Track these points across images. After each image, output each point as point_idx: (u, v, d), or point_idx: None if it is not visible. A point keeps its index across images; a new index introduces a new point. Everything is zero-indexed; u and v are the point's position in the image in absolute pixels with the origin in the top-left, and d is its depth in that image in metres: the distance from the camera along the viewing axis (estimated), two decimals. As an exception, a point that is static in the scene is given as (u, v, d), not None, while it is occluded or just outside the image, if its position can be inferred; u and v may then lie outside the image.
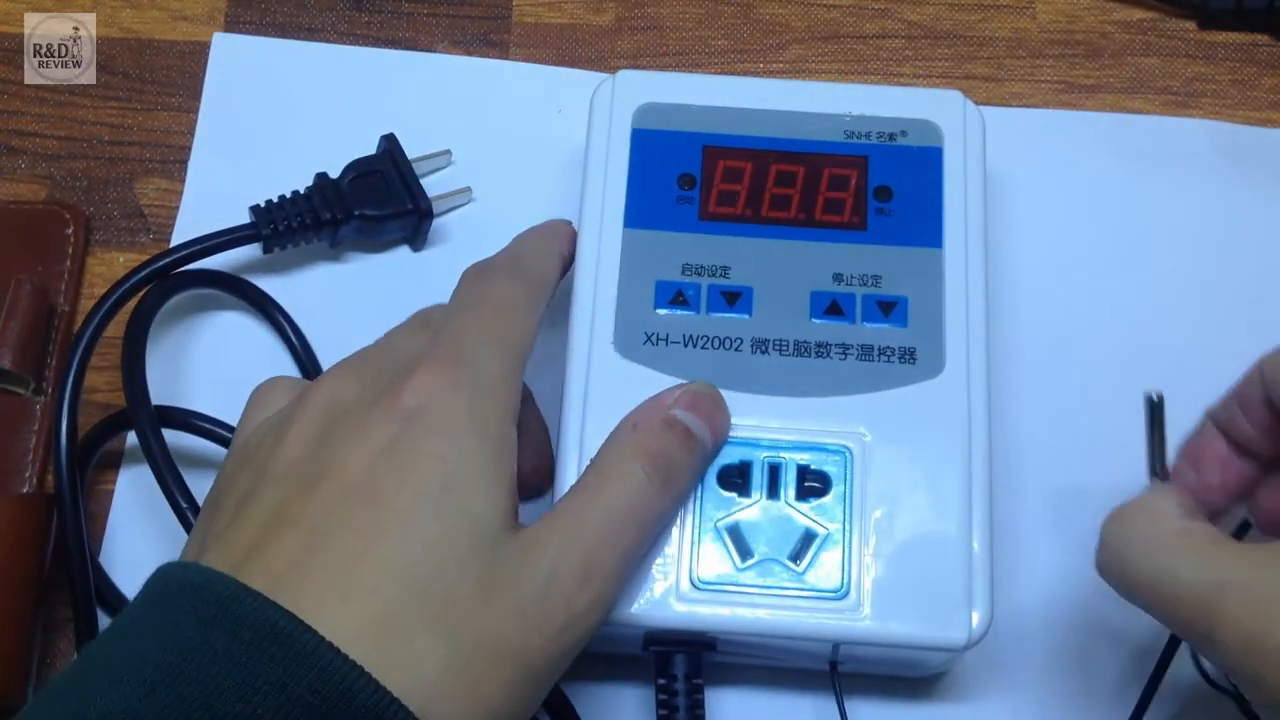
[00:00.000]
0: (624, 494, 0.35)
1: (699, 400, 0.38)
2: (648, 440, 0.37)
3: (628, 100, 0.44)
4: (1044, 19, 0.53)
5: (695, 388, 0.38)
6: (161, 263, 0.45)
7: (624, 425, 0.37)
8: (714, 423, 0.38)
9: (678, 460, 0.37)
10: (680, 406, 0.38)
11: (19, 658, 0.41)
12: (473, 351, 0.35)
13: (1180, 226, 0.49)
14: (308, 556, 0.31)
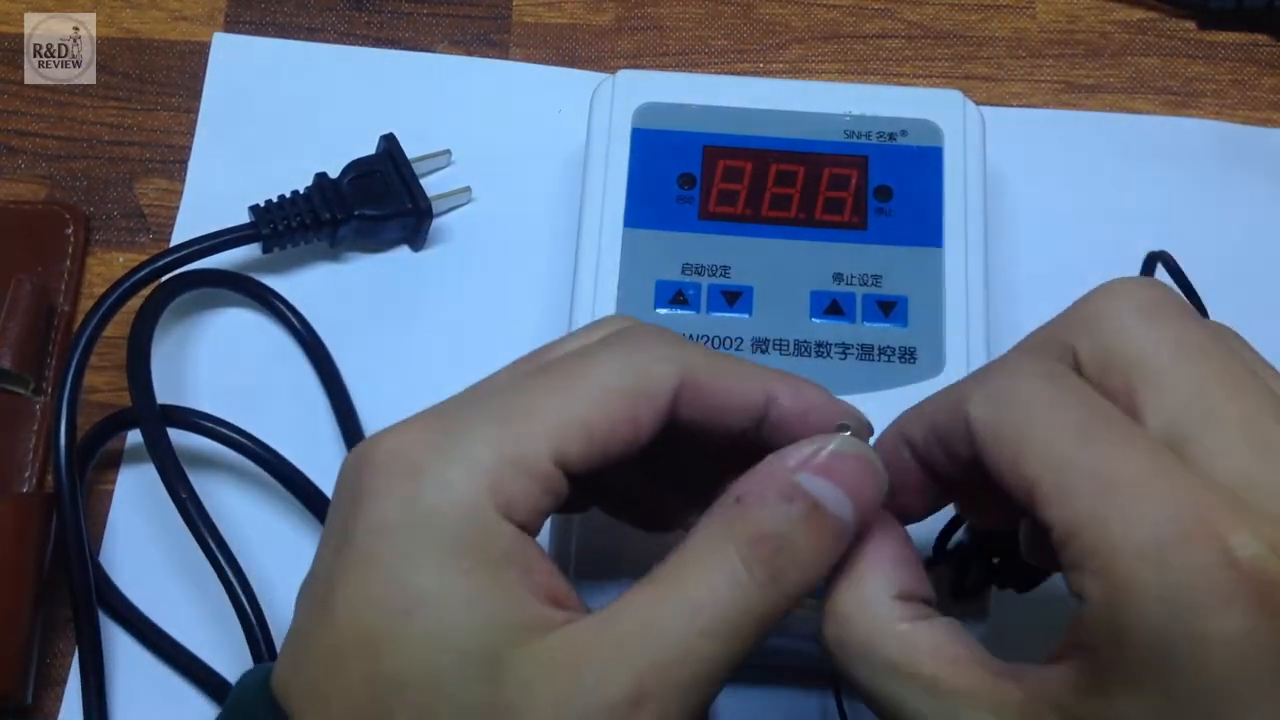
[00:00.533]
0: (709, 593, 0.26)
1: (839, 463, 0.27)
2: (752, 518, 0.27)
3: (628, 100, 0.44)
4: (1044, 19, 0.53)
5: (837, 445, 0.27)
6: (161, 263, 0.45)
7: (726, 495, 0.27)
8: (861, 494, 0.27)
9: (796, 547, 0.27)
10: (810, 470, 0.27)
11: (19, 658, 0.41)
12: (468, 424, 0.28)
13: (1180, 226, 0.49)
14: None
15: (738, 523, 0.27)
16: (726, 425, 0.29)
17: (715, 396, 0.29)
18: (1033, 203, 0.49)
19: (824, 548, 0.27)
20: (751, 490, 0.27)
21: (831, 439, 0.27)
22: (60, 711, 0.42)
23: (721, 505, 0.27)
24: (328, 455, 0.45)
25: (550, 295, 0.47)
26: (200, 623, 0.43)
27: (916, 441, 0.29)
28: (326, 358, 0.46)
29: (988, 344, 0.41)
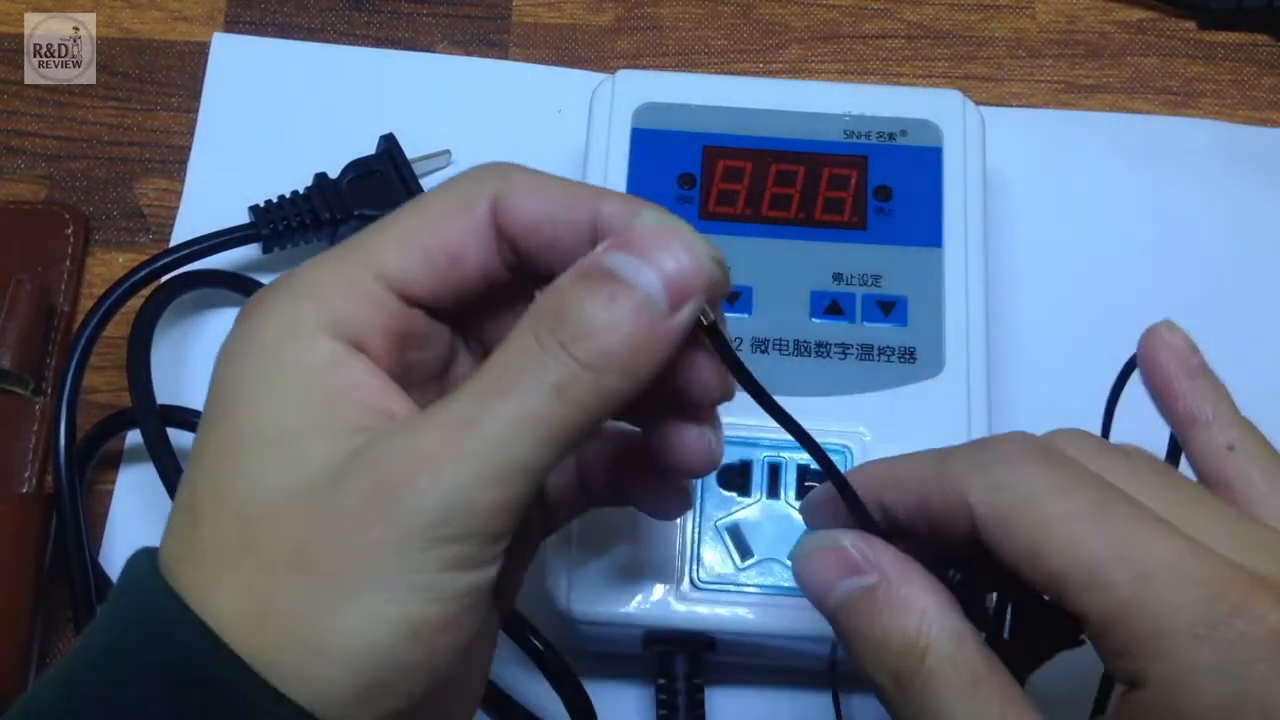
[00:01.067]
0: (519, 391, 0.25)
1: (640, 236, 0.25)
2: (550, 302, 0.25)
3: (628, 100, 0.44)
4: (1044, 19, 0.53)
5: (646, 219, 0.26)
6: (161, 263, 0.45)
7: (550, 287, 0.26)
8: (664, 264, 0.25)
9: (599, 329, 0.25)
10: (613, 248, 0.25)
11: (19, 657, 0.41)
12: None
13: (1180, 226, 0.49)
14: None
15: (539, 312, 0.25)
16: (563, 246, 0.28)
17: (536, 210, 0.28)
18: (1033, 203, 0.49)
19: (623, 323, 0.25)
20: (555, 282, 0.26)
21: (647, 213, 0.26)
22: (60, 711, 0.42)
23: (544, 291, 0.26)
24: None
25: (550, 295, 0.47)
26: (200, 623, 0.43)
27: (898, 512, 0.29)
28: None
29: (987, 344, 0.41)
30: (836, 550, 0.28)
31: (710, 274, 0.26)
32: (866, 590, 0.28)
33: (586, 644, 0.41)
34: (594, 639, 0.40)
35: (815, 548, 0.29)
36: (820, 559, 0.29)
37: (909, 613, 0.27)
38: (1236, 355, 0.47)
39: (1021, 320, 0.47)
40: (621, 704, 0.42)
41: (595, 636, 0.40)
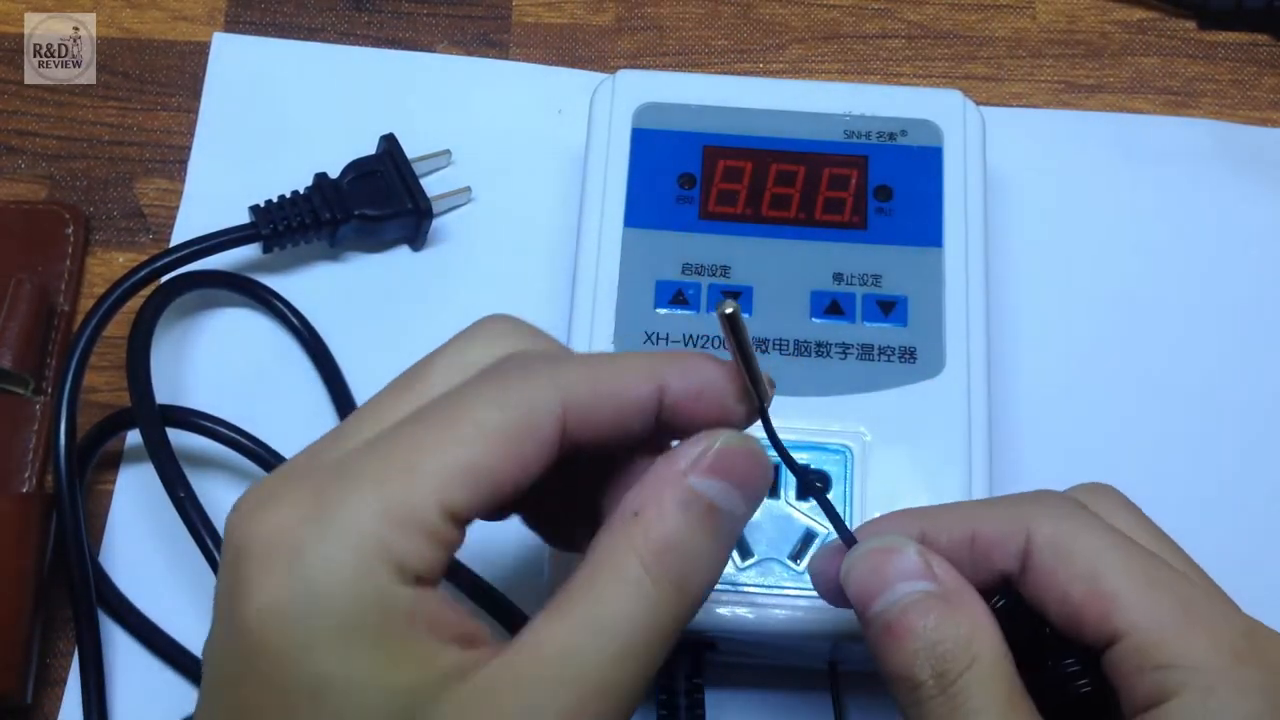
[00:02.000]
0: (621, 615, 0.26)
1: (729, 460, 0.28)
2: (654, 531, 0.27)
3: (628, 100, 0.44)
4: (1044, 19, 0.53)
5: (723, 443, 0.28)
6: (161, 262, 0.45)
7: (622, 510, 0.27)
8: (749, 486, 0.28)
9: (698, 551, 0.27)
10: (700, 473, 0.27)
11: (19, 658, 0.41)
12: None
13: (1180, 226, 0.49)
14: None
15: (639, 537, 0.26)
16: (624, 430, 0.28)
17: (604, 409, 0.28)
18: (1033, 203, 0.49)
19: (724, 546, 0.28)
20: (647, 501, 0.27)
21: (716, 435, 0.28)
22: (60, 711, 0.42)
23: (621, 520, 0.27)
24: (328, 455, 0.45)
25: (550, 295, 0.47)
26: (200, 621, 0.43)
27: (939, 540, 0.31)
28: (328, 356, 0.46)
29: (987, 344, 0.41)
30: (901, 553, 0.30)
31: None
32: (925, 593, 0.29)
33: (586, 644, 0.41)
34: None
35: (877, 548, 0.30)
36: (880, 558, 0.30)
37: (964, 622, 0.28)
38: (1236, 355, 0.47)
39: (1021, 320, 0.47)
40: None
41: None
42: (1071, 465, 0.45)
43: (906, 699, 0.29)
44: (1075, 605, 0.29)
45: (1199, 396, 0.47)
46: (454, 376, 0.28)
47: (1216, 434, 0.46)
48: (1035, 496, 0.31)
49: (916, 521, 0.31)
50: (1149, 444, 0.46)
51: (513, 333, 0.29)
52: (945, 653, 0.28)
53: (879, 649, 0.29)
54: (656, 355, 0.29)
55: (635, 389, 0.28)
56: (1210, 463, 0.45)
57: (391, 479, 0.26)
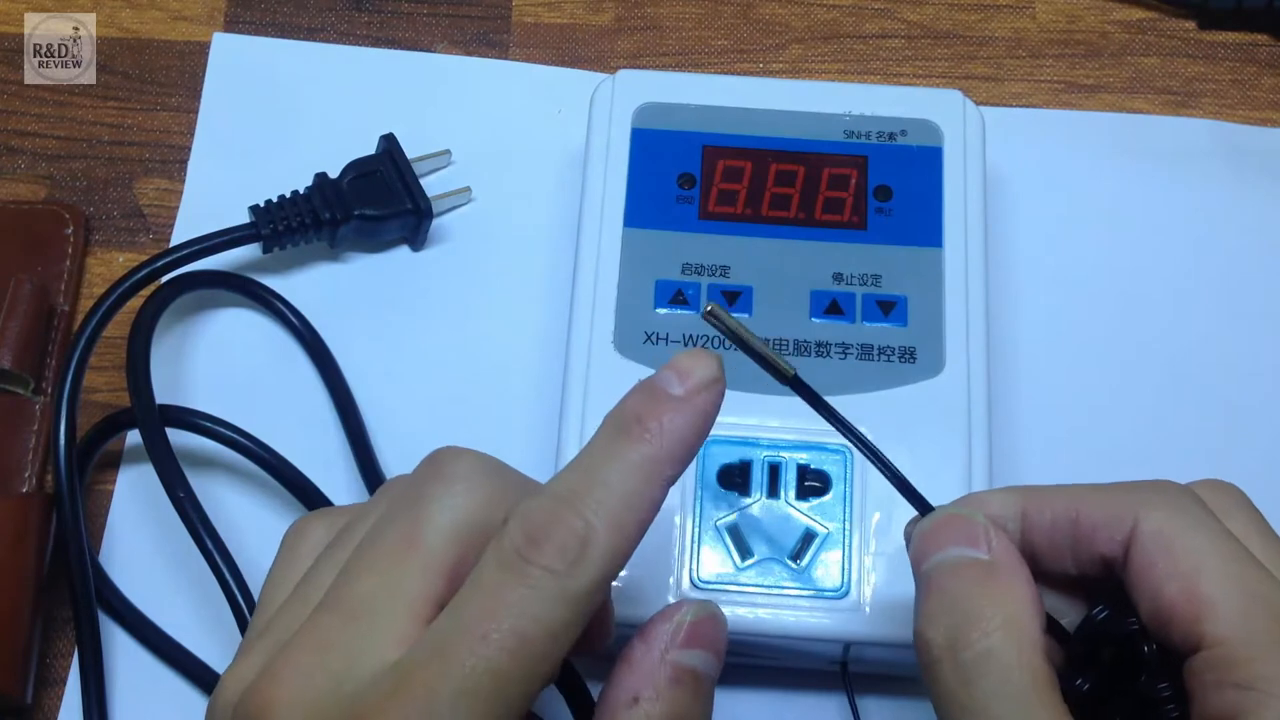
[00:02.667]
0: None
1: (700, 630, 0.30)
2: (657, 711, 0.28)
3: (627, 100, 0.44)
4: (1044, 19, 0.53)
5: (692, 616, 0.30)
6: (161, 263, 0.45)
7: (617, 699, 0.29)
8: (720, 647, 0.30)
9: (694, 718, 0.29)
10: (679, 647, 0.29)
11: (19, 658, 0.41)
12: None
13: (1180, 226, 0.49)
14: None
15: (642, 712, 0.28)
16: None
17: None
18: (1033, 203, 0.49)
19: (709, 702, 0.30)
20: (642, 686, 0.29)
21: (680, 610, 0.30)
22: (60, 711, 0.42)
23: (623, 708, 0.29)
24: (328, 455, 0.45)
25: (550, 295, 0.47)
26: (200, 622, 0.43)
27: (1041, 521, 0.31)
28: (328, 356, 0.46)
29: (987, 344, 0.41)
30: (966, 520, 0.30)
31: None
32: (972, 560, 0.29)
33: (586, 644, 0.41)
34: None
35: (949, 514, 0.30)
36: (945, 522, 0.30)
37: (1000, 596, 0.28)
38: (1236, 354, 0.47)
39: (1021, 320, 0.47)
40: None
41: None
42: (1071, 465, 0.45)
43: (921, 663, 0.28)
44: (1168, 603, 0.28)
45: (1199, 395, 0.47)
46: (456, 542, 0.28)
47: (1217, 433, 0.46)
48: (1152, 485, 0.31)
49: (1019, 498, 0.31)
50: (1149, 444, 0.46)
51: (485, 477, 0.29)
52: (967, 617, 0.28)
53: (915, 609, 0.29)
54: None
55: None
56: (1211, 462, 0.45)
57: (476, 710, 0.26)
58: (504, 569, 0.27)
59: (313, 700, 0.26)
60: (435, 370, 0.47)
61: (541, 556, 0.27)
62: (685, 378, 0.29)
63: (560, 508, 0.27)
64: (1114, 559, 0.30)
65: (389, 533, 0.28)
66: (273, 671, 0.27)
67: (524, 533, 0.27)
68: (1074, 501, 0.30)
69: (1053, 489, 0.31)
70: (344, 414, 0.45)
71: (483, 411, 0.46)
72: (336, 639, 0.27)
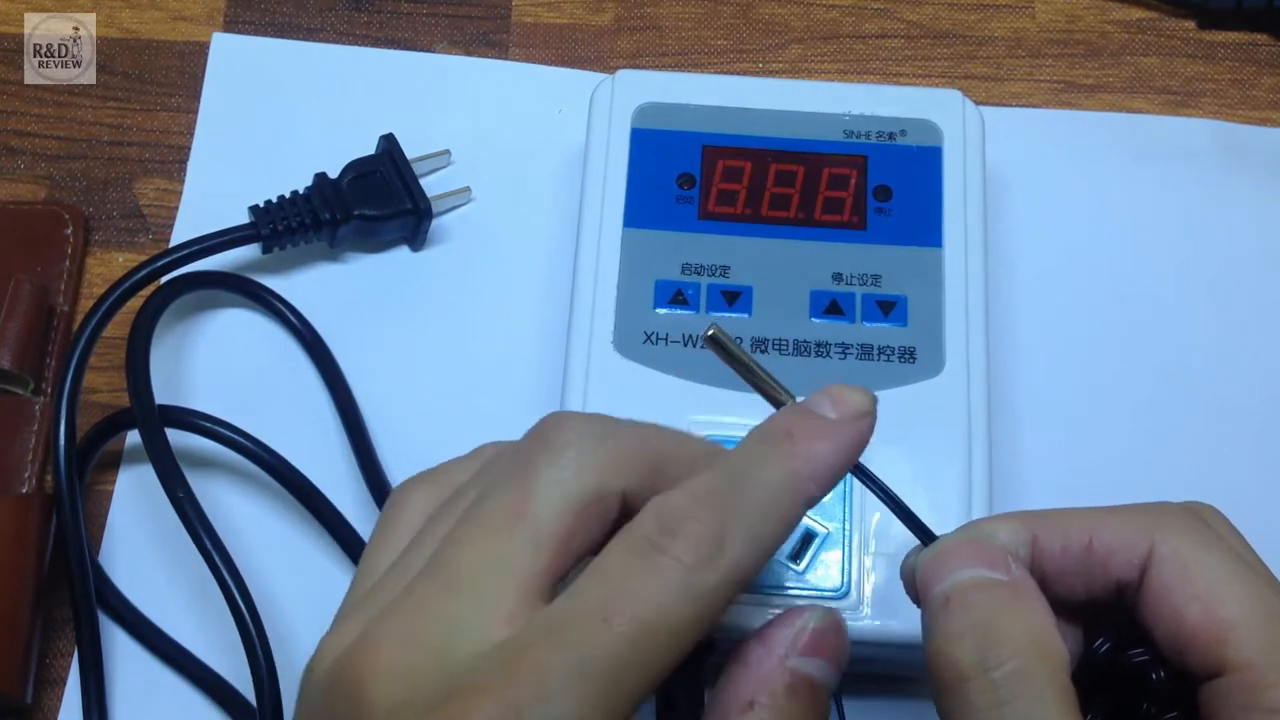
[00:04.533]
0: None
1: (823, 638, 0.29)
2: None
3: (627, 100, 0.44)
4: (1043, 19, 0.53)
5: (815, 623, 0.29)
6: (161, 263, 0.45)
7: (730, 703, 0.28)
8: (840, 659, 0.29)
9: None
10: (800, 654, 0.28)
11: (19, 658, 0.41)
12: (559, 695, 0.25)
13: (1180, 226, 0.49)
14: None
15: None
16: None
17: None
18: (1033, 203, 0.49)
19: (826, 714, 0.29)
20: (759, 692, 0.28)
21: (804, 615, 0.29)
22: (60, 711, 0.42)
23: (736, 712, 0.28)
24: (328, 455, 0.45)
25: (550, 295, 0.47)
26: (200, 622, 0.43)
27: (1052, 546, 0.30)
28: (328, 356, 0.46)
29: (987, 344, 0.41)
30: (982, 542, 0.29)
31: None
32: (994, 579, 0.28)
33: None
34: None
35: (960, 539, 0.30)
36: (961, 547, 0.30)
37: (1026, 616, 0.28)
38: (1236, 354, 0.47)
39: (1021, 320, 0.47)
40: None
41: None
42: (1071, 465, 0.45)
43: (944, 682, 0.28)
44: (1189, 626, 0.28)
45: (1199, 395, 0.47)
46: (567, 514, 0.27)
47: (1218, 433, 0.46)
48: (1160, 508, 0.30)
49: (1028, 525, 0.30)
50: (1150, 444, 0.46)
51: (596, 442, 0.28)
52: (997, 637, 0.27)
53: (930, 627, 0.29)
54: None
55: None
56: (1212, 462, 0.45)
57: (591, 693, 0.25)
58: (633, 554, 0.26)
59: (411, 670, 0.26)
60: (435, 370, 0.47)
61: (673, 547, 0.26)
62: (840, 404, 0.29)
63: (698, 506, 0.27)
64: (1129, 583, 0.29)
65: (495, 502, 0.28)
66: (370, 639, 0.26)
67: (658, 522, 0.26)
68: (1087, 527, 0.30)
69: (1061, 513, 0.31)
70: (344, 414, 0.45)
71: (483, 411, 0.46)
72: (437, 609, 0.26)
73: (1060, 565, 0.30)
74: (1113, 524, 0.30)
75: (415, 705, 0.25)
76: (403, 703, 0.25)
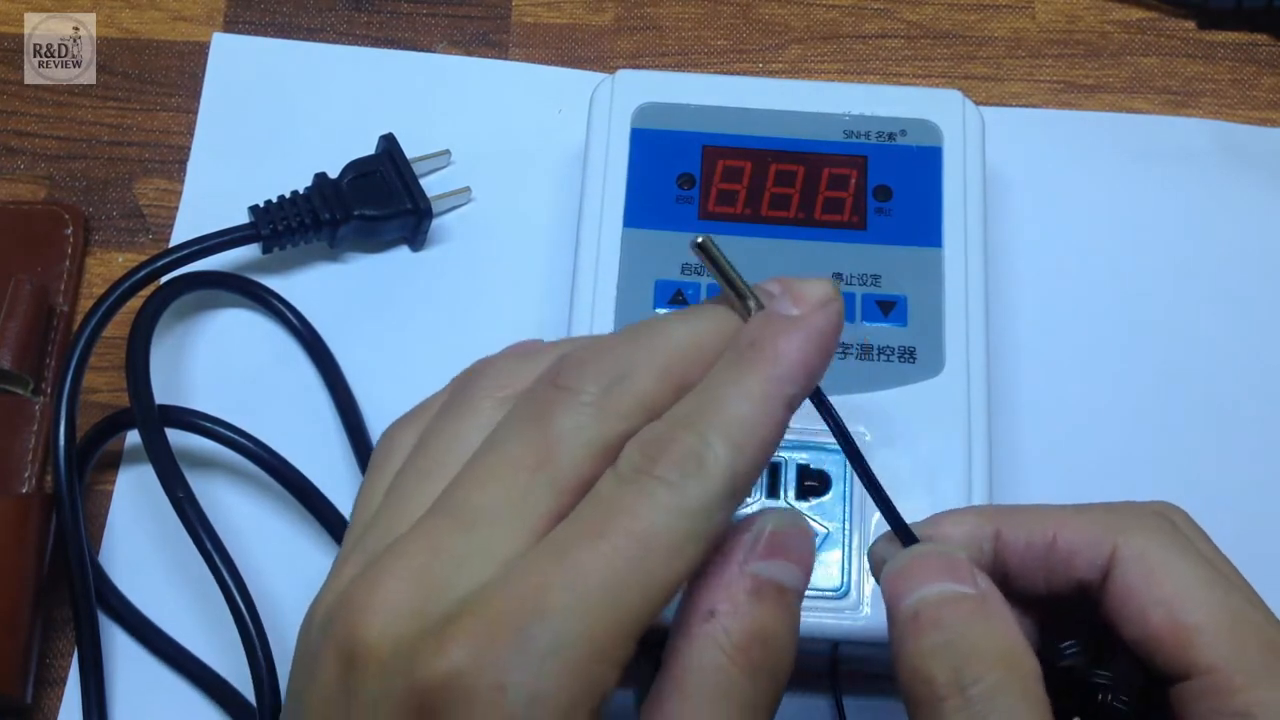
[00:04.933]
0: (718, 716, 0.26)
1: (783, 540, 0.28)
2: (735, 626, 0.27)
3: (627, 100, 0.44)
4: (1043, 19, 0.53)
5: (773, 526, 0.28)
6: (161, 263, 0.45)
7: (694, 612, 0.27)
8: (805, 561, 0.28)
9: (777, 634, 0.27)
10: (760, 558, 0.28)
11: (19, 658, 0.41)
12: (558, 619, 0.25)
13: (1180, 226, 0.49)
14: None
15: (722, 636, 0.27)
16: None
17: None
18: (1033, 202, 0.49)
19: (796, 619, 0.28)
20: (718, 599, 0.27)
21: (762, 518, 0.28)
22: (60, 711, 0.42)
23: (697, 621, 0.27)
24: (328, 455, 0.45)
25: (550, 295, 0.47)
26: (200, 622, 0.43)
27: (1015, 544, 0.30)
28: (328, 356, 0.46)
29: (987, 344, 0.41)
30: (950, 558, 0.29)
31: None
32: (962, 594, 0.28)
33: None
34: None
35: (928, 552, 0.30)
36: (926, 561, 0.29)
37: (998, 630, 0.28)
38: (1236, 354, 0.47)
39: (1021, 320, 0.47)
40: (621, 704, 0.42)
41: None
42: (1071, 465, 0.45)
43: (919, 699, 0.27)
44: (1153, 629, 0.28)
45: (1199, 395, 0.47)
46: (589, 460, 0.27)
47: (1218, 433, 0.46)
48: (1128, 508, 0.30)
49: (992, 518, 0.31)
50: (1150, 443, 0.46)
51: (615, 385, 0.28)
52: (970, 653, 0.27)
53: (899, 643, 0.28)
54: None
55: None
56: (1212, 462, 0.45)
57: (592, 609, 0.25)
58: (620, 483, 0.26)
59: (414, 604, 0.25)
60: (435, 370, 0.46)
61: (656, 468, 0.26)
62: (800, 299, 0.28)
63: (676, 428, 0.27)
64: (1091, 583, 0.29)
65: (514, 443, 0.27)
66: (372, 575, 0.26)
67: (641, 449, 0.26)
68: (1051, 525, 0.30)
69: (1026, 510, 0.31)
70: (344, 414, 0.45)
71: (482, 411, 0.46)
72: (448, 546, 0.26)
73: (1023, 561, 0.30)
74: (1077, 523, 0.30)
75: (416, 637, 0.25)
76: (402, 635, 0.25)
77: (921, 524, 0.31)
